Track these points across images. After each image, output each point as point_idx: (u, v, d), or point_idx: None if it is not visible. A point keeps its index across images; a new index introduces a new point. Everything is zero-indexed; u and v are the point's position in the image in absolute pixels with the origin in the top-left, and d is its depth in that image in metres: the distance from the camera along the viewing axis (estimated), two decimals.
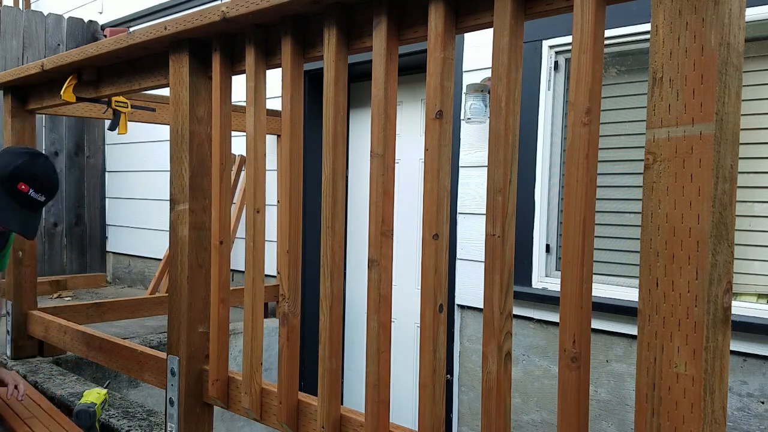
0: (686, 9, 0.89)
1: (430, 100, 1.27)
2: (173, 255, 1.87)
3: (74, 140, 5.14)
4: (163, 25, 1.75)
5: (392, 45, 1.34)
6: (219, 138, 1.74)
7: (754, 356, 2.44)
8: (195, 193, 1.83)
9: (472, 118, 3.04)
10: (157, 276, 4.42)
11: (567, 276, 1.06)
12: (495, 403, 1.17)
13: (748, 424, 2.47)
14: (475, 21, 1.23)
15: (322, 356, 1.48)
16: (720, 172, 0.89)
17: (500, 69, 1.15)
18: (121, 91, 2.16)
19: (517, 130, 1.15)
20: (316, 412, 1.52)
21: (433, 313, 1.27)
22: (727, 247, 0.91)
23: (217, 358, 1.77)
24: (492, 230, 1.16)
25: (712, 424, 0.91)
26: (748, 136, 2.49)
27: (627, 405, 2.74)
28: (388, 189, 1.36)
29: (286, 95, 1.56)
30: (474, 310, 3.22)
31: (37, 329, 2.81)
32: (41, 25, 4.96)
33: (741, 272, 2.52)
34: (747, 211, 2.52)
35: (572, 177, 1.05)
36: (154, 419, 2.16)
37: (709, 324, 0.89)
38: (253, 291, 1.66)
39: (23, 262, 2.85)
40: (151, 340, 3.42)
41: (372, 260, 1.37)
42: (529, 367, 3.04)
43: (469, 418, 3.28)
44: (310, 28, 1.52)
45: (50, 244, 5.07)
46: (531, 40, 2.95)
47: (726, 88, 0.89)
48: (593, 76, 1.03)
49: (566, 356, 1.06)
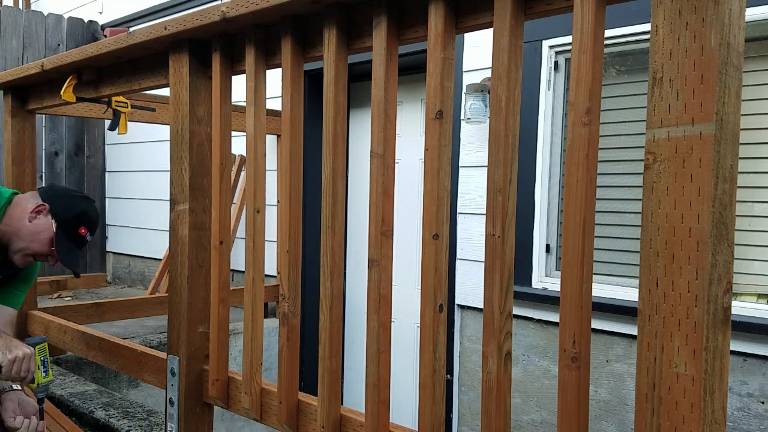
0: (686, 9, 0.89)
1: (430, 100, 1.27)
2: (173, 255, 1.87)
3: (74, 140, 5.14)
4: (163, 25, 1.75)
5: (392, 45, 1.34)
6: (219, 138, 1.74)
7: (754, 356, 2.44)
8: (195, 193, 1.83)
9: (472, 118, 3.04)
10: (157, 276, 4.42)
11: (567, 276, 1.06)
12: (495, 403, 1.17)
13: (748, 424, 2.47)
14: (475, 21, 1.23)
15: (322, 356, 1.48)
16: (720, 172, 0.89)
17: (500, 69, 1.15)
18: (121, 91, 2.16)
19: (517, 130, 1.15)
20: (316, 412, 1.52)
21: (433, 313, 1.27)
22: (727, 247, 0.91)
23: (217, 358, 1.77)
24: (492, 230, 1.16)
25: (712, 424, 0.91)
26: (748, 136, 2.49)
27: (627, 405, 2.74)
28: (388, 189, 1.36)
29: (286, 95, 1.56)
30: (474, 310, 3.22)
31: (37, 329, 2.81)
32: (41, 25, 4.96)
33: (741, 272, 2.52)
34: (747, 211, 2.52)
35: (572, 177, 1.05)
36: (154, 419, 2.16)
37: (709, 324, 0.89)
38: (253, 291, 1.66)
39: None
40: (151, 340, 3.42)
41: (372, 260, 1.37)
42: (529, 367, 3.04)
43: (469, 418, 3.28)
44: (310, 28, 1.52)
45: None
46: (531, 40, 2.95)
47: (726, 88, 0.89)
48: (593, 76, 1.03)
49: (566, 356, 1.06)
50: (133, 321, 3.82)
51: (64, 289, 4.80)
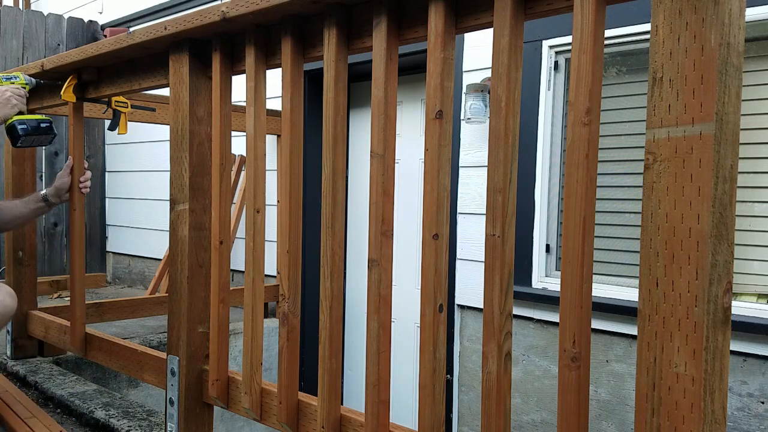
0: (686, 9, 0.89)
1: (430, 100, 1.27)
2: (173, 255, 1.87)
3: None
4: (163, 25, 1.75)
5: (392, 45, 1.34)
6: (219, 138, 1.74)
7: (754, 356, 2.44)
8: (195, 193, 1.83)
9: (472, 118, 3.04)
10: (157, 276, 4.42)
11: (567, 276, 1.06)
12: (495, 404, 1.17)
13: (748, 424, 2.47)
14: (475, 21, 1.23)
15: (322, 356, 1.48)
16: (720, 172, 0.89)
17: (500, 69, 1.15)
18: (121, 91, 2.16)
19: (517, 130, 1.15)
20: (316, 412, 1.52)
21: (433, 313, 1.27)
22: (727, 247, 0.91)
23: (217, 358, 1.77)
24: (492, 230, 1.16)
25: (712, 424, 0.91)
26: (748, 136, 2.49)
27: (627, 405, 2.74)
28: (388, 189, 1.36)
29: (286, 95, 1.56)
30: (474, 310, 3.22)
31: (37, 329, 2.81)
32: (41, 25, 4.96)
33: (741, 272, 2.52)
34: (747, 211, 2.52)
35: (572, 177, 1.05)
36: (154, 419, 2.16)
37: (709, 324, 0.89)
38: (253, 291, 1.66)
39: (23, 262, 2.85)
40: (151, 340, 3.42)
41: (372, 260, 1.37)
42: (529, 367, 3.04)
43: (469, 418, 3.28)
44: (310, 28, 1.52)
45: (50, 244, 5.07)
46: (531, 40, 2.95)
47: (726, 88, 0.89)
48: (593, 76, 1.03)
49: (566, 356, 1.06)
50: (133, 321, 3.82)
51: (64, 289, 4.79)
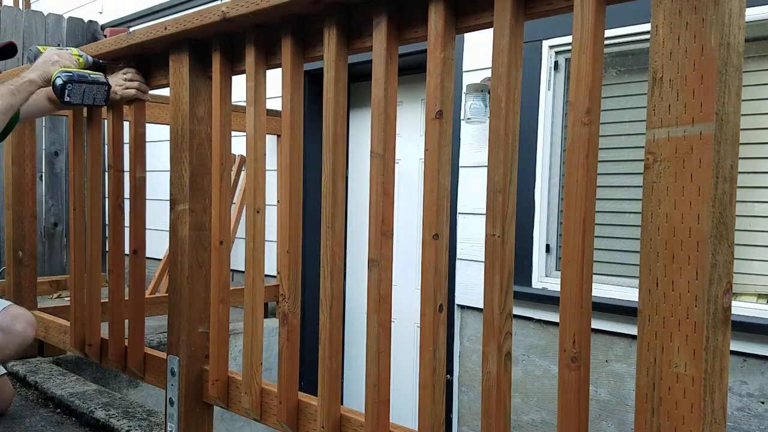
0: (686, 9, 0.89)
1: (430, 100, 1.27)
2: (173, 255, 1.87)
3: None
4: (163, 25, 1.75)
5: (392, 45, 1.34)
6: (219, 138, 1.74)
7: (754, 356, 2.44)
8: (195, 193, 1.83)
9: (472, 118, 3.04)
10: (157, 276, 4.42)
11: (567, 276, 1.06)
12: (495, 404, 1.17)
13: (748, 424, 2.47)
14: (475, 21, 1.23)
15: (322, 356, 1.48)
16: (720, 172, 0.89)
17: (500, 69, 1.15)
18: None
19: (517, 130, 1.15)
20: (316, 412, 1.52)
21: (433, 313, 1.27)
22: (727, 247, 0.91)
23: (217, 358, 1.77)
24: (492, 230, 1.16)
25: (712, 424, 0.91)
26: (748, 136, 2.49)
27: (627, 405, 2.74)
28: (388, 189, 1.36)
29: (286, 95, 1.56)
30: (474, 310, 3.22)
31: (37, 329, 2.80)
32: (41, 25, 4.96)
33: (741, 272, 2.52)
34: (747, 211, 2.52)
35: (572, 177, 1.05)
36: (154, 419, 2.16)
37: (709, 324, 0.89)
38: (253, 291, 1.66)
39: (23, 262, 2.85)
40: (151, 340, 3.42)
41: (372, 260, 1.37)
42: (529, 367, 3.04)
43: (469, 418, 3.28)
44: (310, 28, 1.52)
45: (50, 244, 5.07)
46: (531, 40, 2.95)
47: (726, 88, 0.89)
48: (593, 76, 1.03)
49: (566, 356, 1.06)
50: None
51: (64, 289, 4.79)
